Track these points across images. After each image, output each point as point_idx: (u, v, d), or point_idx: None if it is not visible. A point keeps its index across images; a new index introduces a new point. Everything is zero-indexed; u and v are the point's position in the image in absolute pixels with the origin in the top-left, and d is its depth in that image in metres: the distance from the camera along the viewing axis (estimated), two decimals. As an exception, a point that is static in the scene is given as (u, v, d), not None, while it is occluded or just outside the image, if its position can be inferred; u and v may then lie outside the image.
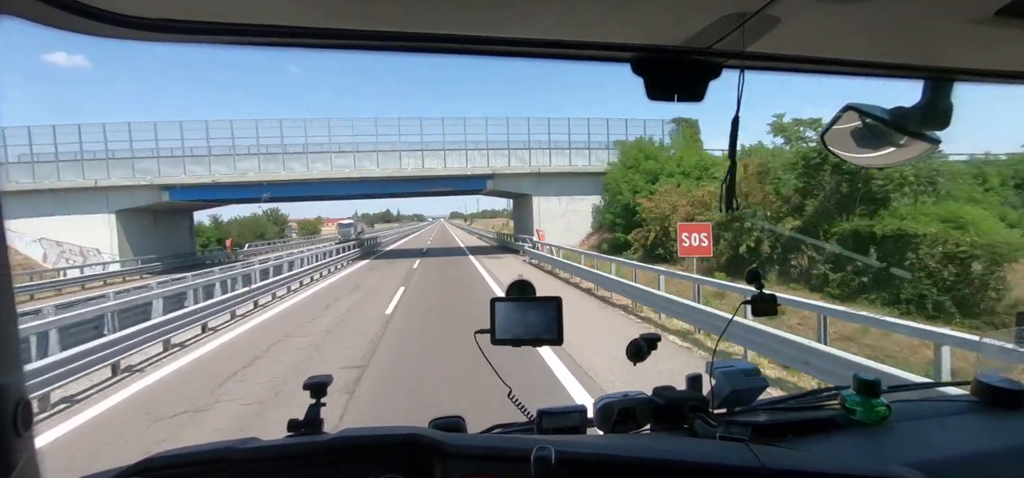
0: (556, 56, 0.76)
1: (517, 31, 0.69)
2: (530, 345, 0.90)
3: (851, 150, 1.01)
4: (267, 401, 5.08)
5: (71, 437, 4.51)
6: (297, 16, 0.63)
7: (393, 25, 0.66)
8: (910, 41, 0.75)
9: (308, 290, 14.35)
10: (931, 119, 0.90)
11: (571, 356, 5.97)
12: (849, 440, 0.91)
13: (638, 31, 0.70)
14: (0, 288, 0.51)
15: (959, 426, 0.97)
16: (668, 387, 1.03)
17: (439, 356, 6.44)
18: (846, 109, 0.95)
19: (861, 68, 0.86)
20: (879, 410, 0.95)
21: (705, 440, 0.87)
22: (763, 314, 0.94)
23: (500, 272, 16.56)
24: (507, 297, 0.92)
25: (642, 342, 1.03)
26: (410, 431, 0.77)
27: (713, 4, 0.61)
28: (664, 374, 1.06)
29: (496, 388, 1.11)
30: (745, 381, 1.00)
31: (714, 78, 0.79)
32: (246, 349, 7.39)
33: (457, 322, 8.52)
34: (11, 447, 0.50)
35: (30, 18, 0.56)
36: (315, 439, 0.79)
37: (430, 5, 0.61)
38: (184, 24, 0.62)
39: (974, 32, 0.68)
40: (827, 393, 1.10)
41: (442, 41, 0.70)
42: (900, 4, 0.60)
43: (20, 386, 0.52)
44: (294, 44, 0.68)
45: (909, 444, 0.90)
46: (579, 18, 0.66)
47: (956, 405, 1.06)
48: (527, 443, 0.74)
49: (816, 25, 0.68)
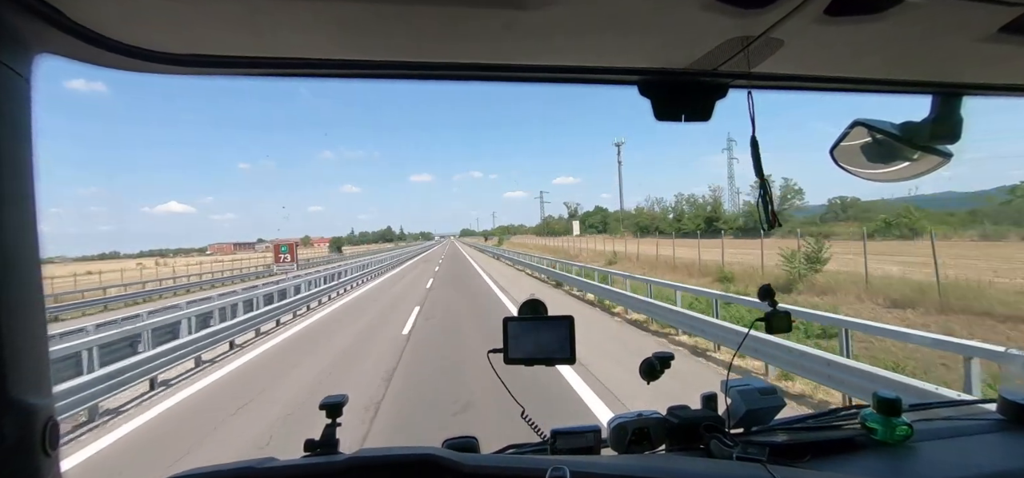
0: (566, 81, 0.78)
1: (529, 58, 0.72)
2: (543, 364, 0.90)
3: (860, 166, 1.01)
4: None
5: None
6: (318, 49, 0.66)
7: (410, 55, 0.69)
8: (914, 58, 0.76)
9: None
10: (941, 133, 0.90)
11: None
12: (870, 461, 0.89)
13: (645, 55, 0.72)
14: (32, 311, 0.53)
15: (984, 446, 0.94)
16: (683, 406, 1.01)
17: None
18: (854, 124, 0.95)
19: (867, 85, 0.87)
20: (900, 429, 0.92)
21: (722, 461, 0.85)
22: (779, 331, 0.93)
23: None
24: (519, 316, 0.92)
25: (655, 360, 1.02)
26: (426, 451, 0.77)
27: (718, 29, 0.62)
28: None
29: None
30: (761, 400, 0.99)
31: (721, 98, 0.81)
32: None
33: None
34: (39, 466, 0.51)
35: (65, 55, 0.59)
36: (332, 459, 0.79)
37: (448, 37, 0.64)
38: (208, 59, 0.65)
39: (978, 49, 0.69)
40: (846, 412, 1.07)
41: (458, 69, 0.72)
42: (902, 24, 0.61)
43: (49, 407, 0.54)
44: (315, 74, 0.71)
45: (932, 465, 0.87)
46: (588, 44, 0.68)
47: (981, 423, 1.03)
48: (542, 464, 0.74)
49: (820, 45, 0.69)
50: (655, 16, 0.60)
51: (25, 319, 0.51)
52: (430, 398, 5.64)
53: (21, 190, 0.52)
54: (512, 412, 1.11)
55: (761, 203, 0.82)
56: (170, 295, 23.96)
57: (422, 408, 5.33)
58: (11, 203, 0.51)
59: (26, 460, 0.50)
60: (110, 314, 13.80)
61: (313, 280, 18.27)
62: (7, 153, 0.50)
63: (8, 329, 0.48)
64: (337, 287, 18.56)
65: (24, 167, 0.53)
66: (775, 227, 0.83)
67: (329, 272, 21.91)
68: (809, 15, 0.58)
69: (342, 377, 6.75)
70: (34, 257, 0.53)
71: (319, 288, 16.72)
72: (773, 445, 0.86)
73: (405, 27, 0.60)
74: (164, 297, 23.39)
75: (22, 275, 0.52)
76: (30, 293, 0.53)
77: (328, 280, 19.06)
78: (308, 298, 14.72)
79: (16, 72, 0.52)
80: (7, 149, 0.50)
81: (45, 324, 0.56)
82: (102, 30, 0.56)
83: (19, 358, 0.50)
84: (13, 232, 0.51)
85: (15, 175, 0.52)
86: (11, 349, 0.48)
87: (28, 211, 0.53)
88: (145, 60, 0.62)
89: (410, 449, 0.78)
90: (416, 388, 5.97)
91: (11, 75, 0.51)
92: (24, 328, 0.51)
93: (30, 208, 0.53)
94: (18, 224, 0.52)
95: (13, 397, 0.48)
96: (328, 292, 17.01)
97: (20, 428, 0.49)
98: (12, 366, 0.49)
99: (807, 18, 0.59)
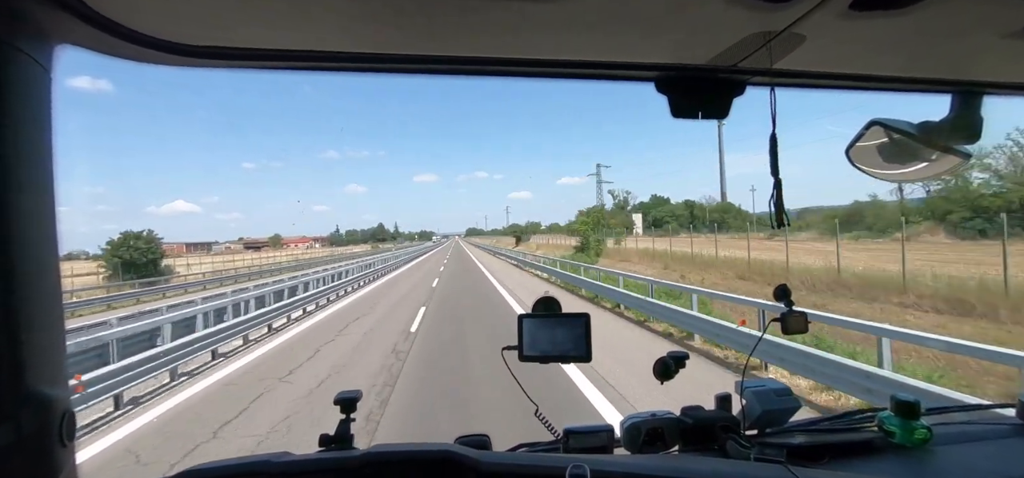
0: (582, 76, 0.78)
1: (543, 53, 0.71)
2: (558, 362, 0.90)
3: (877, 166, 0.99)
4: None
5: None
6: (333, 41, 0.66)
7: (423, 49, 0.68)
8: (937, 55, 0.75)
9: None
10: (960, 132, 0.89)
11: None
12: (889, 464, 0.87)
13: (663, 51, 0.71)
14: (50, 304, 0.53)
15: (1004, 450, 0.93)
16: (696, 407, 1.00)
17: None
18: (870, 124, 0.94)
19: (888, 83, 0.86)
20: (919, 433, 0.91)
21: (739, 461, 0.84)
22: (794, 332, 0.92)
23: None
24: (534, 313, 0.92)
25: (669, 360, 1.01)
26: (442, 448, 0.76)
27: (739, 24, 0.61)
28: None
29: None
30: (777, 401, 0.98)
31: (739, 95, 0.80)
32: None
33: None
34: (56, 456, 0.51)
35: (85, 45, 0.60)
36: (349, 454, 0.79)
37: (462, 30, 0.63)
38: (227, 51, 0.65)
39: (1004, 46, 0.68)
40: (863, 415, 1.06)
41: (472, 63, 0.72)
42: (926, 19, 0.60)
43: (66, 398, 0.54)
44: (329, 68, 0.71)
45: (951, 469, 0.86)
46: (605, 40, 0.67)
47: (1000, 428, 1.01)
48: (560, 462, 0.73)
49: (842, 41, 0.68)
50: (676, 10, 0.59)
51: (43, 311, 0.51)
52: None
53: (40, 181, 0.52)
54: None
55: (772, 201, 0.81)
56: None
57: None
58: (30, 194, 0.50)
59: (44, 450, 0.50)
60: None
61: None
62: (27, 143, 0.50)
63: (26, 321, 0.48)
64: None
65: (44, 158, 0.53)
66: (782, 226, 0.83)
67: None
68: (834, 10, 0.57)
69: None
70: (52, 249, 0.53)
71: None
72: (791, 446, 0.85)
73: (418, 20, 0.60)
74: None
75: (40, 267, 0.51)
76: (48, 285, 0.53)
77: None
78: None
79: (38, 62, 0.52)
80: (27, 139, 0.50)
81: (62, 316, 0.56)
82: (122, 20, 0.56)
83: (37, 350, 0.50)
84: (31, 223, 0.51)
85: (35, 166, 0.52)
86: (29, 341, 0.48)
87: (47, 202, 0.53)
88: (163, 51, 0.62)
89: (426, 445, 0.78)
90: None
91: (33, 65, 0.51)
92: (42, 320, 0.51)
93: (49, 200, 0.53)
94: (37, 215, 0.51)
95: (31, 388, 0.48)
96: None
97: (38, 419, 0.49)
98: (30, 358, 0.49)
99: (831, 13, 0.58)
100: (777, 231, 12.46)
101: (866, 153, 0.99)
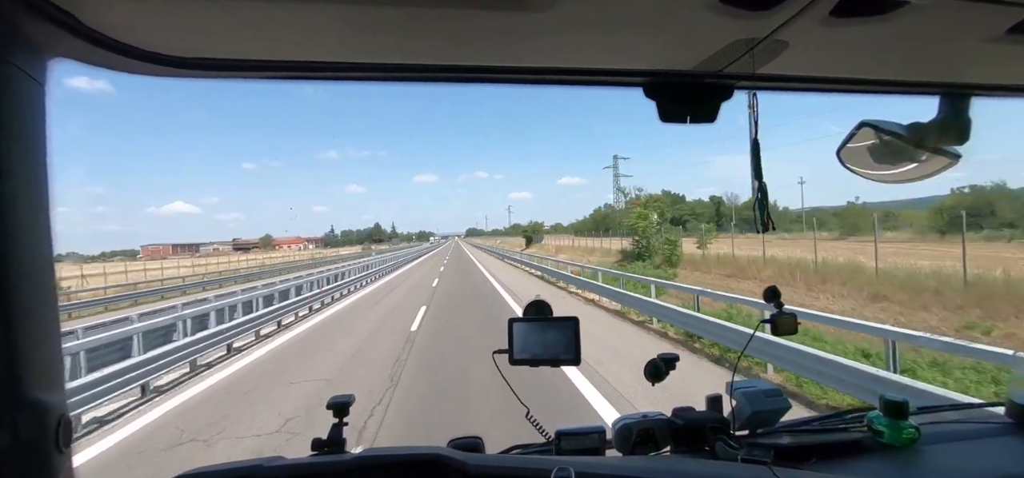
0: (573, 82, 0.78)
1: (534, 61, 0.72)
2: (548, 365, 0.91)
3: (868, 167, 1.00)
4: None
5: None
6: (325, 52, 0.67)
7: (416, 59, 0.69)
8: (920, 60, 0.76)
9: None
10: (949, 134, 0.89)
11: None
12: (876, 464, 0.88)
13: (651, 58, 0.72)
14: (45, 310, 0.54)
15: (992, 449, 0.93)
16: (687, 408, 1.01)
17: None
18: (861, 125, 0.95)
19: (873, 86, 0.87)
20: (908, 432, 0.92)
21: (727, 463, 0.85)
22: (785, 333, 0.93)
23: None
24: (524, 317, 0.93)
25: (660, 362, 1.02)
26: (432, 451, 0.77)
27: (722, 31, 0.62)
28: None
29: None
30: (767, 402, 0.99)
31: (727, 99, 0.81)
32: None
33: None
34: (52, 462, 0.52)
35: (79, 59, 0.60)
36: (340, 458, 0.80)
37: (453, 40, 0.64)
38: (222, 63, 0.66)
39: (987, 50, 0.68)
40: (852, 415, 1.07)
41: (464, 72, 0.73)
42: (907, 25, 0.61)
43: (62, 404, 0.55)
44: (321, 77, 0.72)
45: (940, 468, 0.87)
46: (594, 46, 0.68)
47: (989, 427, 1.02)
48: (547, 464, 0.74)
49: (825, 47, 0.69)
50: (661, 18, 0.60)
51: (38, 318, 0.52)
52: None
53: (35, 192, 0.53)
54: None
55: (758, 205, 0.83)
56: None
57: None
58: (25, 205, 0.51)
59: (40, 457, 0.51)
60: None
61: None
62: (22, 156, 0.51)
63: (21, 328, 0.49)
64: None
65: (39, 170, 0.54)
66: (768, 230, 0.84)
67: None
68: (814, 17, 0.58)
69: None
70: (47, 257, 0.54)
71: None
72: (778, 447, 0.86)
73: (410, 31, 0.61)
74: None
75: (35, 275, 0.52)
76: (43, 292, 0.54)
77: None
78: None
79: (32, 77, 0.53)
80: (22, 152, 0.51)
81: (58, 322, 0.57)
82: (115, 35, 0.57)
83: (32, 357, 0.51)
84: (27, 232, 0.52)
85: (30, 177, 0.53)
86: (24, 348, 0.49)
87: (42, 212, 0.54)
88: (156, 64, 0.63)
89: (416, 449, 0.79)
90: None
91: (27, 80, 0.52)
92: (37, 327, 0.52)
93: (44, 210, 0.54)
94: (32, 225, 0.52)
95: (27, 395, 0.49)
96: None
97: (34, 425, 0.50)
98: (25, 364, 0.49)
99: (812, 20, 0.59)
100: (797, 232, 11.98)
101: (857, 154, 0.99)
